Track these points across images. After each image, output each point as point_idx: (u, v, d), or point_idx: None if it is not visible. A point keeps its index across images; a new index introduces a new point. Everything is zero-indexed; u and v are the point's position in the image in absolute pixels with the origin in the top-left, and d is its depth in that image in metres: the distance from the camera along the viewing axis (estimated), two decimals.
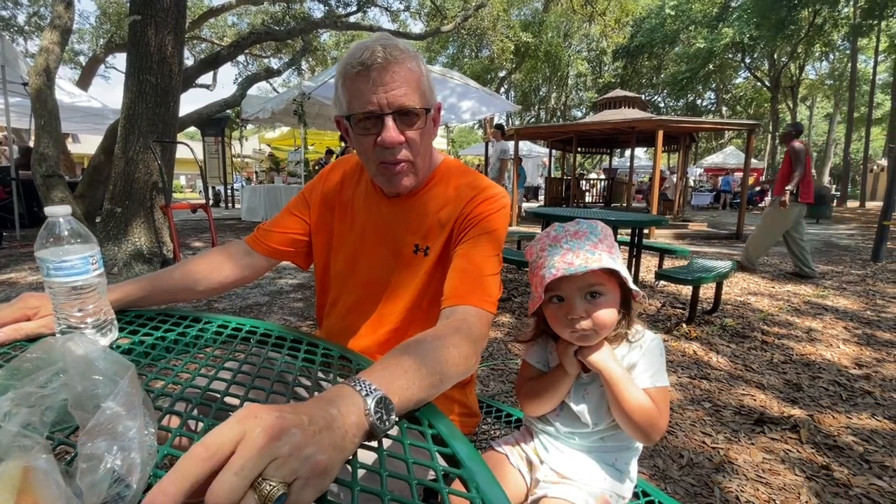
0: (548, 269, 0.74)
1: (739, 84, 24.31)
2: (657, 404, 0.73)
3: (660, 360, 0.77)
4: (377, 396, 0.43)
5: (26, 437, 0.33)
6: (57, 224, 0.58)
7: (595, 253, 0.73)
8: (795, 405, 1.96)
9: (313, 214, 0.96)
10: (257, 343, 0.69)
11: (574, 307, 0.74)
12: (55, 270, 0.58)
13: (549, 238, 0.78)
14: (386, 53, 0.72)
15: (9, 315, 0.64)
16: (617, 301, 0.76)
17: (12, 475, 0.31)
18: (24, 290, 3.51)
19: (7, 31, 15.80)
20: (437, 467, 0.41)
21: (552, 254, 0.76)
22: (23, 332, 0.64)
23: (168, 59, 4.19)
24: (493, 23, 13.34)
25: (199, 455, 0.30)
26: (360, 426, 0.41)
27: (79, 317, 0.61)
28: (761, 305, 3.49)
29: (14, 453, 0.32)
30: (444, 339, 0.61)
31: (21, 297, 0.67)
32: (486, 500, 0.37)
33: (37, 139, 5.83)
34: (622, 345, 0.78)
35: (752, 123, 7.98)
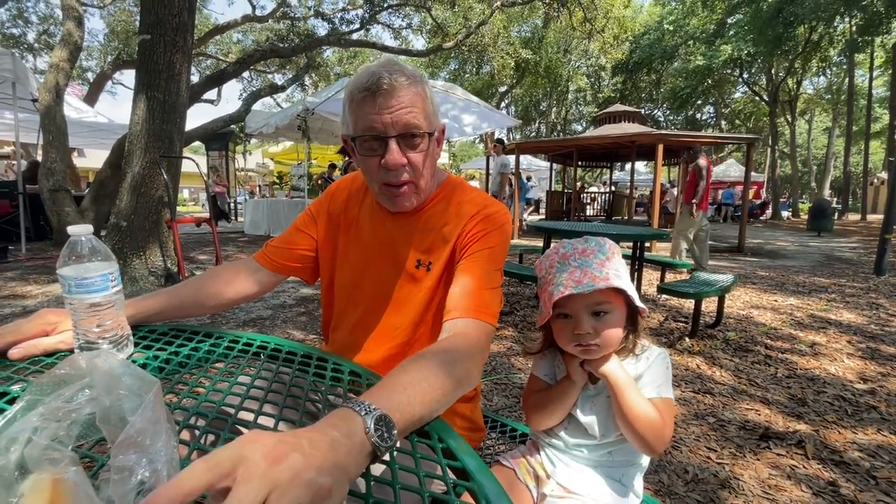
0: (556, 287, 0.76)
1: (738, 98, 24.54)
2: (662, 415, 0.74)
3: (665, 373, 0.78)
4: (376, 415, 0.43)
5: (55, 451, 0.34)
6: (79, 242, 0.61)
7: (602, 271, 0.75)
8: (800, 420, 1.95)
9: (320, 231, 0.98)
10: (268, 358, 0.70)
11: (581, 324, 0.75)
12: (76, 287, 0.60)
13: (559, 255, 0.80)
14: (391, 80, 0.75)
15: (28, 330, 0.66)
16: (623, 318, 0.78)
17: (43, 487, 0.32)
18: (30, 302, 3.52)
19: (17, 48, 16.13)
20: (448, 480, 0.42)
21: (560, 271, 0.78)
22: (41, 347, 0.65)
23: (176, 76, 4.28)
24: (494, 40, 13.58)
25: (198, 468, 0.31)
26: (363, 446, 0.41)
27: (97, 332, 0.62)
28: (764, 319, 3.48)
29: (44, 466, 0.34)
30: (445, 354, 0.62)
31: (39, 312, 0.69)
32: None
33: (44, 154, 5.93)
34: (628, 358, 0.80)
35: (751, 137, 8.05)
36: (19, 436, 0.34)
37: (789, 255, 7.50)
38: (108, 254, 0.63)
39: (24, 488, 0.33)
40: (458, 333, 0.70)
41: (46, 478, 0.33)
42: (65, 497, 0.32)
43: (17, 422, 0.37)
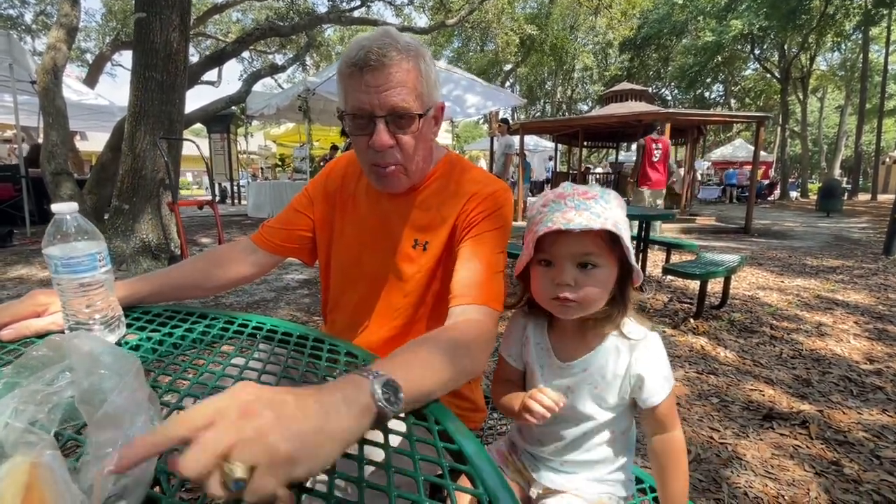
0: (543, 224, 0.66)
1: (748, 76, 23.94)
2: (669, 417, 0.70)
3: (667, 362, 0.72)
4: (383, 380, 0.43)
5: (33, 434, 0.33)
6: (64, 221, 0.59)
7: (601, 217, 0.65)
8: (805, 400, 1.94)
9: (317, 211, 0.96)
10: (264, 339, 0.69)
11: (563, 272, 0.66)
12: (63, 267, 0.58)
13: (555, 194, 0.69)
14: (380, 55, 0.70)
15: (18, 312, 0.65)
16: (612, 278, 0.68)
17: (19, 471, 0.31)
18: (35, 286, 3.55)
19: (14, 29, 15.92)
20: (444, 463, 0.41)
21: (553, 210, 0.67)
22: (32, 328, 0.64)
23: (173, 55, 4.20)
24: (498, 16, 13.23)
25: (174, 420, 0.32)
26: (367, 408, 0.41)
27: (87, 313, 0.61)
28: (770, 300, 3.45)
29: (21, 450, 0.33)
30: (454, 337, 0.61)
31: (30, 293, 0.68)
32: (492, 496, 0.37)
33: (45, 137, 5.89)
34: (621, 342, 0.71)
35: (761, 116, 7.87)
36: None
37: (797, 235, 7.41)
38: (95, 233, 0.61)
39: (0, 472, 0.32)
40: (467, 320, 0.69)
41: (23, 461, 0.32)
42: (41, 481, 0.31)
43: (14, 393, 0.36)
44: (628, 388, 0.71)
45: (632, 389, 0.71)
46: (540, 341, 0.77)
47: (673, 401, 0.71)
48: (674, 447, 0.70)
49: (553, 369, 0.75)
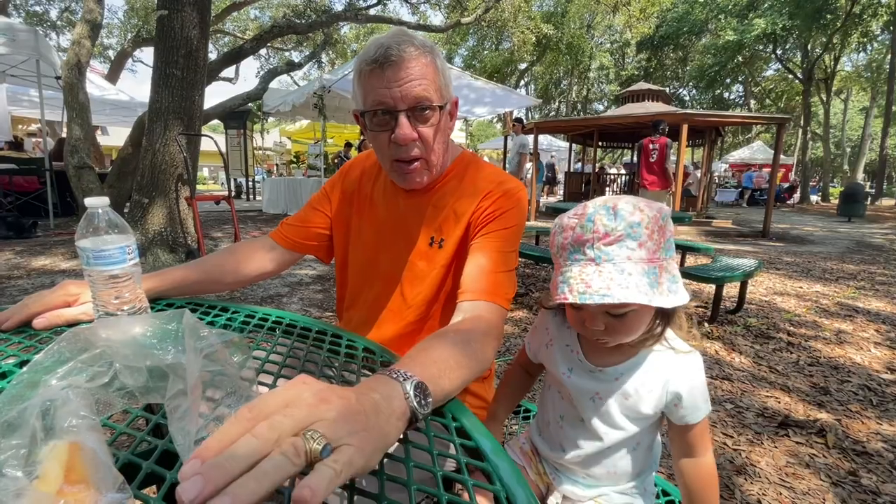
0: (562, 282, 0.60)
1: (769, 76, 23.43)
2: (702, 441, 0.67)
3: (705, 383, 0.67)
4: (414, 382, 0.44)
5: (77, 418, 0.35)
6: (96, 214, 0.61)
7: (624, 271, 0.57)
8: (822, 409, 1.90)
9: (334, 208, 0.97)
10: (283, 333, 0.70)
11: (592, 320, 0.62)
12: (94, 259, 0.60)
13: (573, 235, 0.61)
14: (400, 51, 0.72)
15: (50, 301, 0.67)
16: (650, 314, 0.64)
17: (60, 452, 0.33)
18: (58, 275, 3.65)
19: (40, 26, 16.33)
20: (462, 460, 0.41)
21: (571, 260, 0.61)
22: (63, 318, 0.67)
23: (193, 52, 4.27)
24: (514, 14, 13.16)
25: (243, 415, 0.31)
26: (402, 411, 0.41)
27: (115, 304, 0.63)
28: (788, 306, 3.39)
29: (64, 432, 0.34)
30: (463, 334, 0.62)
31: (62, 284, 0.70)
32: (510, 494, 0.38)
33: (69, 131, 6.04)
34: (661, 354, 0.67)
35: (782, 117, 7.71)
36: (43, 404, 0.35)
37: (817, 240, 7.25)
38: (124, 227, 0.63)
39: (43, 454, 0.33)
40: (474, 316, 0.69)
41: (64, 443, 0.33)
42: (82, 461, 0.32)
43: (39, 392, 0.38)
44: (663, 404, 0.67)
45: (666, 405, 0.67)
46: (570, 343, 0.74)
47: (707, 424, 0.67)
48: (704, 474, 0.67)
49: (582, 373, 0.71)
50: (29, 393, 0.37)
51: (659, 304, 0.57)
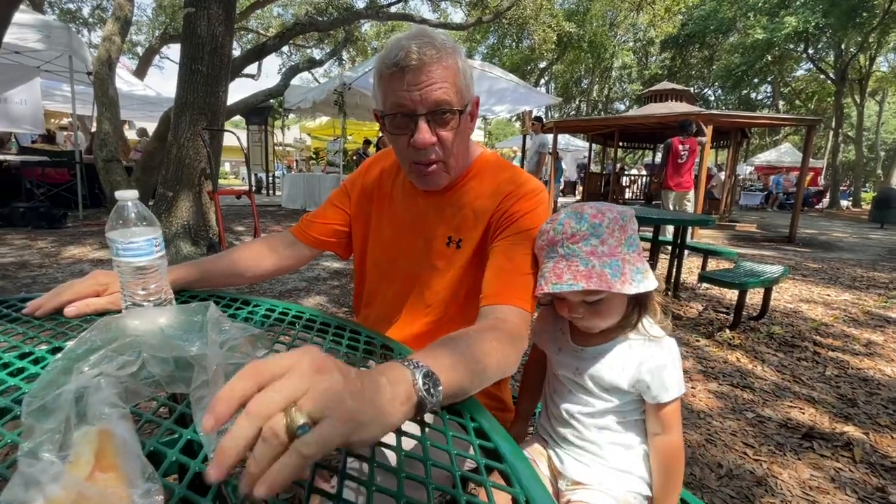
0: (540, 277, 0.71)
1: (800, 77, 22.66)
2: (672, 420, 0.73)
3: (680, 366, 0.75)
4: (424, 370, 0.44)
5: (109, 407, 0.36)
6: (126, 207, 0.62)
7: (589, 262, 0.68)
8: (849, 422, 1.84)
9: (353, 206, 0.98)
10: (302, 328, 0.71)
11: (570, 308, 0.73)
12: (123, 251, 0.62)
13: (548, 237, 0.73)
14: (420, 54, 0.71)
15: (81, 290, 0.69)
16: (623, 300, 0.72)
17: (91, 438, 0.34)
18: (87, 264, 3.78)
19: (73, 23, 16.87)
20: (480, 460, 0.41)
21: (548, 258, 0.73)
22: (93, 307, 0.69)
23: (218, 49, 4.35)
24: (536, 12, 13.03)
25: (248, 372, 0.33)
26: (408, 396, 0.42)
27: (142, 295, 0.64)
28: (814, 314, 3.28)
29: (95, 419, 0.35)
30: (484, 336, 0.61)
31: (92, 274, 0.73)
32: (529, 496, 0.37)
33: (98, 125, 6.24)
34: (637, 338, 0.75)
35: (812, 119, 7.45)
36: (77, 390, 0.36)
37: (846, 247, 7.00)
38: (152, 219, 0.65)
39: (75, 439, 0.34)
40: (497, 319, 0.69)
41: (93, 429, 0.34)
42: (111, 448, 0.33)
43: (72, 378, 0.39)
44: (635, 381, 0.74)
45: (638, 383, 0.73)
46: (562, 327, 0.83)
47: (678, 406, 0.74)
48: (671, 450, 0.74)
49: (568, 352, 0.80)
50: (63, 379, 0.38)
51: (620, 290, 0.66)
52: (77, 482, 0.28)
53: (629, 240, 0.71)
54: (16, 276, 3.33)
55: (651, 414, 0.75)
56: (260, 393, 0.32)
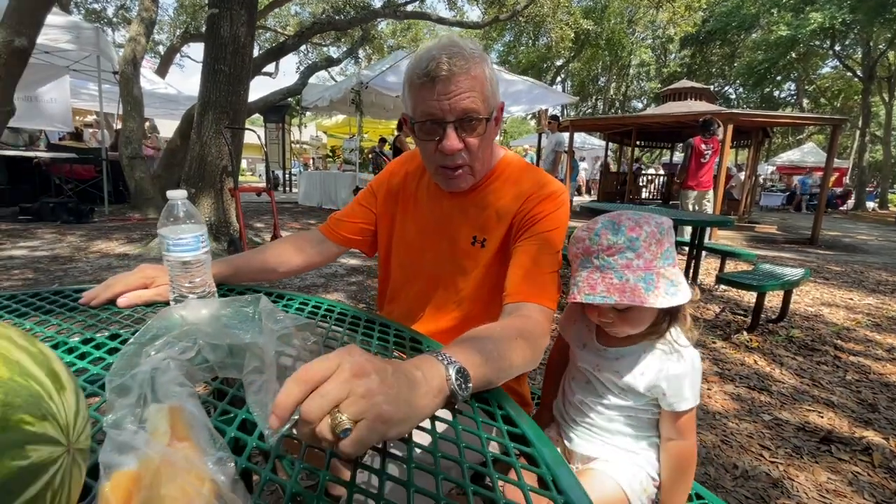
0: (574, 285, 0.73)
1: (826, 74, 22.03)
2: (687, 427, 0.75)
3: (699, 378, 0.76)
4: (457, 366, 0.48)
5: (178, 386, 0.40)
6: (176, 206, 0.67)
7: (624, 276, 0.69)
8: (869, 427, 1.82)
9: (379, 205, 1.02)
10: (335, 322, 0.75)
11: (601, 314, 0.74)
12: (173, 246, 0.66)
13: (583, 245, 0.75)
14: (451, 64, 0.74)
15: (131, 283, 0.75)
16: (653, 312, 0.73)
17: (164, 412, 0.38)
18: (113, 259, 3.91)
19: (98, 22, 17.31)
20: (509, 444, 0.44)
21: (582, 266, 0.74)
22: (142, 298, 0.74)
23: (240, 49, 4.45)
24: (553, 10, 12.93)
25: (300, 377, 0.38)
26: (441, 390, 0.45)
27: (188, 288, 0.69)
28: (836, 318, 3.23)
29: (167, 397, 0.39)
30: (509, 332, 0.64)
31: (140, 267, 0.78)
32: (556, 475, 0.41)
33: (124, 123, 6.42)
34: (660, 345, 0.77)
35: (838, 119, 7.27)
36: (151, 371, 0.40)
37: (871, 250, 6.82)
38: (199, 217, 0.69)
39: (149, 414, 0.39)
40: (522, 316, 0.71)
41: (165, 406, 0.38)
42: (184, 422, 0.37)
43: (143, 361, 0.43)
44: (652, 387, 0.75)
45: (655, 388, 0.75)
46: (588, 324, 0.85)
47: (693, 415, 0.76)
48: (684, 454, 0.76)
49: (591, 349, 0.83)
50: (135, 361, 0.43)
51: (652, 304, 0.67)
52: (162, 447, 0.33)
53: (665, 253, 0.72)
54: (48, 269, 3.47)
55: (666, 420, 0.77)
56: (309, 398, 0.37)
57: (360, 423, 0.37)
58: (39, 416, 0.24)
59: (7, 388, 0.23)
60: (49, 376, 0.26)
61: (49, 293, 0.78)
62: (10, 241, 4.31)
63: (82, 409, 0.28)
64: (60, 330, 0.63)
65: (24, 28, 3.74)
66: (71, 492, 0.26)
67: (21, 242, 4.32)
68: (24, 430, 0.23)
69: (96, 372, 0.52)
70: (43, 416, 0.24)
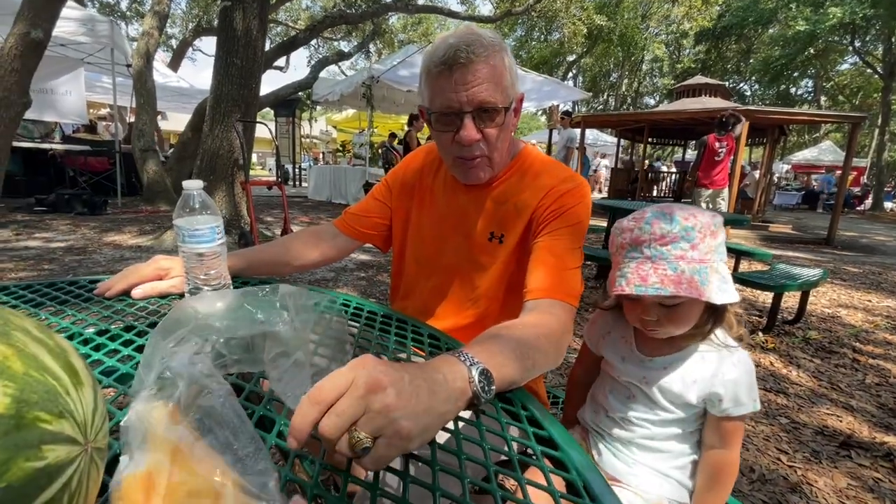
0: (620, 276, 0.68)
1: (844, 71, 21.52)
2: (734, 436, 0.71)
3: (755, 381, 0.71)
4: (480, 368, 0.46)
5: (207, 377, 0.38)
6: (192, 196, 0.66)
7: (678, 268, 0.64)
8: (890, 432, 1.77)
9: (394, 200, 1.00)
10: (351, 316, 0.74)
11: (647, 310, 0.69)
12: (189, 237, 0.65)
13: (631, 236, 0.70)
14: (469, 52, 0.72)
15: (147, 274, 0.74)
16: (699, 308, 0.69)
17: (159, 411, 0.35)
18: (126, 250, 3.95)
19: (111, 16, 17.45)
20: (536, 447, 0.43)
21: (629, 257, 0.69)
22: (157, 289, 0.73)
23: (252, 42, 4.45)
24: (566, 4, 12.77)
25: (313, 398, 0.36)
26: (463, 392, 0.44)
27: (204, 279, 0.68)
28: (854, 320, 3.15)
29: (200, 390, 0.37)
30: (532, 330, 0.62)
31: (154, 259, 0.77)
32: (587, 482, 0.39)
33: (136, 116, 6.48)
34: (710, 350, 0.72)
35: (857, 116, 7.10)
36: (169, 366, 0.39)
37: (889, 251, 6.67)
38: (215, 209, 0.68)
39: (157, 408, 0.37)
40: (544, 313, 0.69)
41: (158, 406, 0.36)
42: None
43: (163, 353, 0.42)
44: (706, 394, 0.71)
45: (709, 396, 0.71)
46: (625, 335, 0.81)
47: (743, 422, 0.72)
48: (726, 465, 0.71)
49: (634, 362, 0.78)
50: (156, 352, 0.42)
51: (707, 298, 0.63)
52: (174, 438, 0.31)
53: (719, 247, 0.68)
54: (63, 260, 3.52)
55: (712, 427, 0.72)
56: (325, 417, 0.35)
57: (379, 440, 0.35)
58: (56, 414, 0.23)
59: (22, 384, 0.22)
60: (66, 371, 0.25)
61: (64, 284, 0.78)
62: (26, 232, 4.37)
63: (100, 406, 0.27)
64: (76, 321, 0.63)
65: (39, 20, 3.77)
66: (89, 492, 0.25)
67: (36, 233, 4.38)
68: (39, 428, 0.22)
69: (111, 364, 0.51)
70: (60, 414, 0.23)
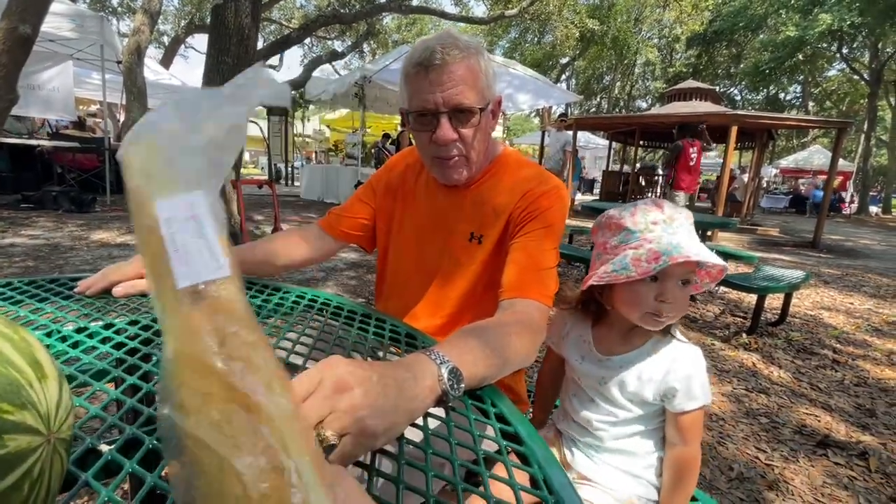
0: (674, 247, 0.66)
1: (832, 77, 21.87)
2: (692, 431, 0.73)
3: (706, 376, 0.74)
4: (450, 366, 0.47)
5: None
6: None
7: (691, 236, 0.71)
8: (866, 431, 1.82)
9: (378, 201, 1.01)
10: (331, 315, 0.75)
11: (670, 290, 0.69)
12: None
13: (664, 213, 0.71)
14: (444, 54, 0.74)
15: (127, 272, 0.74)
16: None
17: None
18: (114, 248, 3.91)
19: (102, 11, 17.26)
20: (501, 442, 0.44)
21: (671, 231, 0.70)
22: (138, 288, 0.73)
23: (244, 40, 4.43)
24: (559, 7, 12.85)
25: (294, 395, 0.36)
26: (432, 390, 0.45)
27: None
28: (835, 322, 3.22)
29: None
30: (505, 328, 0.64)
31: (136, 257, 0.77)
32: (546, 475, 0.40)
33: (127, 113, 6.41)
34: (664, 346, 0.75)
35: (843, 122, 7.23)
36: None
37: (873, 254, 6.80)
38: None
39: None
40: (517, 312, 0.71)
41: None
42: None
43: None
44: (661, 391, 0.74)
45: (665, 393, 0.73)
46: (583, 334, 0.83)
47: (701, 416, 0.74)
48: (687, 462, 0.74)
49: (592, 361, 0.80)
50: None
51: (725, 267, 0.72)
52: None
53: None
54: (49, 258, 3.48)
55: (671, 424, 0.74)
56: None
57: (345, 437, 0.36)
58: (18, 405, 0.24)
59: None
60: (30, 364, 0.26)
61: (45, 281, 0.78)
62: (11, 229, 4.31)
63: (65, 398, 0.28)
64: (55, 318, 0.63)
65: (28, 15, 3.72)
66: (51, 482, 0.26)
67: (22, 230, 4.33)
68: (1, 419, 0.22)
69: (89, 361, 0.52)
70: (22, 405, 0.24)
